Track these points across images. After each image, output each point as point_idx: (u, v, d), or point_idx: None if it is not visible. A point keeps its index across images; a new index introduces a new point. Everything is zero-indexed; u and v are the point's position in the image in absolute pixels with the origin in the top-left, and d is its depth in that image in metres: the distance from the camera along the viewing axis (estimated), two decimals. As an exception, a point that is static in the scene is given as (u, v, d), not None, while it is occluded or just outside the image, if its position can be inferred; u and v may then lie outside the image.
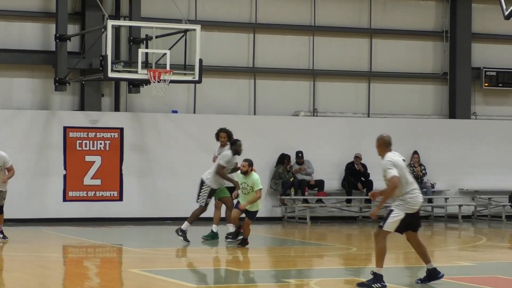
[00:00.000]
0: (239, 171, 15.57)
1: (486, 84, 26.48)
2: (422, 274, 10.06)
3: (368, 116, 25.94)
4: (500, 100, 27.63)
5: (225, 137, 16.40)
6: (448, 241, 22.60)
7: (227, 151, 15.92)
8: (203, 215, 16.73)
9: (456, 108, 26.55)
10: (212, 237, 16.46)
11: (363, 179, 23.92)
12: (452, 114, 26.48)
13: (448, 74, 26.59)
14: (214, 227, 16.75)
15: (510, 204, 25.24)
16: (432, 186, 25.36)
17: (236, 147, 15.89)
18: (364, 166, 23.78)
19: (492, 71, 26.46)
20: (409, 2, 27.09)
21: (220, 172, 15.71)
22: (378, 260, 9.36)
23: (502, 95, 27.60)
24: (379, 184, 15.91)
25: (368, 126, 24.59)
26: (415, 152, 24.35)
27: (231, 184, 16.41)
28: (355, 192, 24.18)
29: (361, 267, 13.72)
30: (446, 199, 25.60)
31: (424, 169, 25.14)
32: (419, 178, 23.81)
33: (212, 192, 16.17)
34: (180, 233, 15.93)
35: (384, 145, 9.49)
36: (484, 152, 26.46)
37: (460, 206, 24.61)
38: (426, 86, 27.22)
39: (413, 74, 26.50)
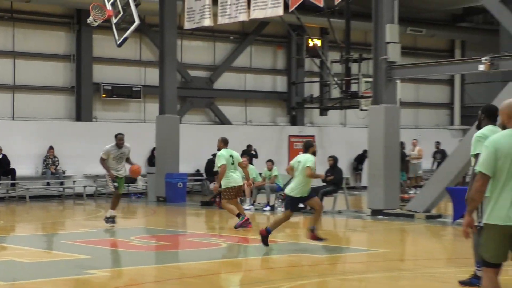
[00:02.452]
0: None
1: (104, 95, 30.51)
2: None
3: (13, 119, 28.85)
4: (115, 108, 31.46)
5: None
6: (76, 213, 25.98)
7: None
8: None
9: (82, 113, 30.21)
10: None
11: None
12: (79, 118, 30.22)
13: (75, 88, 30.20)
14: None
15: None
16: (63, 172, 29.03)
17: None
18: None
19: (109, 86, 30.48)
20: (44, 31, 30.14)
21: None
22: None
23: (116, 104, 31.38)
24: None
25: (13, 127, 28.27)
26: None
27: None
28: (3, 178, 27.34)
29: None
30: (74, 181, 29.48)
31: (58, 160, 28.86)
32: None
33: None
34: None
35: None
36: (102, 146, 24.12)
37: (84, 187, 28.68)
38: (59, 96, 30.48)
39: (49, 87, 29.92)
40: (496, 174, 6.59)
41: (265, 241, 14.29)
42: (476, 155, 9.19)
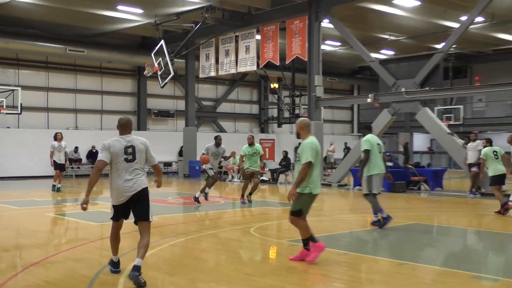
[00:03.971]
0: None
1: (153, 116, 30.18)
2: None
3: (101, 130, 28.08)
4: (160, 123, 30.74)
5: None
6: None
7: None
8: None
9: (141, 126, 29.48)
10: None
11: None
12: (139, 129, 28.99)
13: (137, 111, 29.86)
14: None
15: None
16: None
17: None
18: None
19: (156, 110, 30.28)
20: (119, 79, 29.69)
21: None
22: None
23: (160, 121, 30.77)
24: None
25: (101, 135, 26.01)
26: None
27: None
28: None
29: None
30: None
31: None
32: None
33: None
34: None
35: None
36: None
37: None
38: (129, 116, 31.59)
39: (122, 111, 28.53)
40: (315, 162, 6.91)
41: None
42: (364, 151, 9.87)
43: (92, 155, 26.96)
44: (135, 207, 6.07)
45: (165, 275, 6.47)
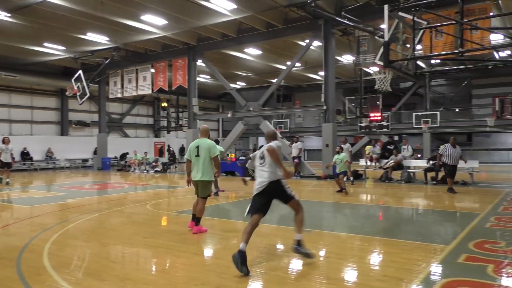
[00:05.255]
0: None
1: (74, 125, 27.62)
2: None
3: (32, 135, 25.55)
4: (77, 130, 28.47)
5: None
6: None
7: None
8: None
9: (63, 133, 27.27)
10: None
11: None
12: (63, 134, 26.97)
13: (60, 122, 27.31)
14: None
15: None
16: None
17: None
18: None
19: (75, 120, 27.62)
20: (46, 98, 26.82)
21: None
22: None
23: (78, 129, 28.59)
24: None
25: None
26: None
27: None
28: None
29: None
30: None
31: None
32: None
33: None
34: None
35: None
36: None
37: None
38: (52, 126, 26.93)
39: (47, 121, 26.57)
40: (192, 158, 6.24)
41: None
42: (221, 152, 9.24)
43: (24, 154, 24.75)
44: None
45: (83, 242, 6.05)
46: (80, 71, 21.04)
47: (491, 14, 12.06)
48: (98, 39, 19.05)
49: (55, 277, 4.28)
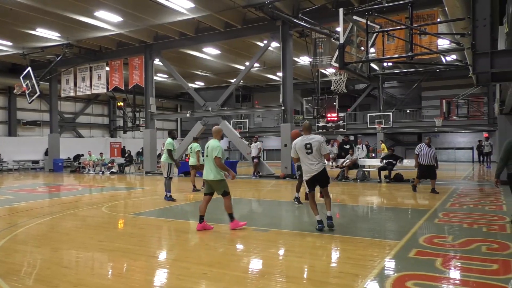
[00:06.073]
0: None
1: (22, 125, 26.60)
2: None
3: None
4: (27, 130, 27.25)
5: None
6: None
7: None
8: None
9: (12, 132, 26.29)
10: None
11: None
12: (10, 135, 26.06)
13: (8, 121, 26.46)
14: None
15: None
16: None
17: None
18: None
19: (25, 120, 26.68)
20: None
21: None
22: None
23: (28, 129, 27.42)
24: None
25: None
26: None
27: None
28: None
29: None
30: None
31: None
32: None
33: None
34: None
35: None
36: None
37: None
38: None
39: None
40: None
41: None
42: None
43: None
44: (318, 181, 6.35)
45: (33, 247, 5.76)
46: (29, 68, 20.16)
47: (438, 20, 12.54)
48: (49, 35, 18.34)
49: (3, 285, 4.11)
